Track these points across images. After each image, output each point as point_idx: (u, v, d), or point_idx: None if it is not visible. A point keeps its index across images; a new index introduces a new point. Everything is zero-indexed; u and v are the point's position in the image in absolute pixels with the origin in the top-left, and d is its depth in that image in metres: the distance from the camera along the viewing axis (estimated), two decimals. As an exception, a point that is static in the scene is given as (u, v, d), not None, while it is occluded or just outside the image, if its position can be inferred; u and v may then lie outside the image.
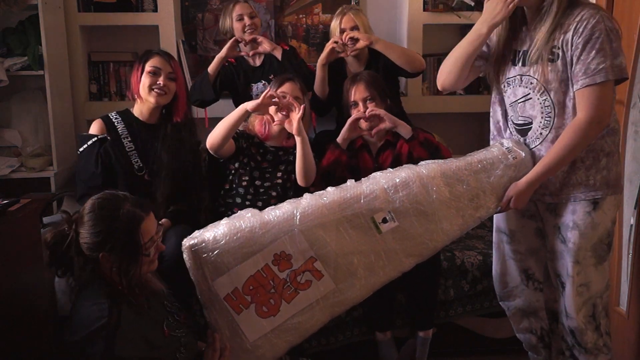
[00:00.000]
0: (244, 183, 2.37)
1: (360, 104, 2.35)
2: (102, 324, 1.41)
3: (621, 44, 1.68)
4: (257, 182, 2.38)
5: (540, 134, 1.82)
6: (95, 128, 2.27)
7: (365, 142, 2.40)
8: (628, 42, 2.14)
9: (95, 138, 2.22)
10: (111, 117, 2.29)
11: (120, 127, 2.26)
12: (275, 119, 2.29)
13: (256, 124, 2.39)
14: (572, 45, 1.68)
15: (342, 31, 2.70)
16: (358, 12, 2.75)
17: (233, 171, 2.38)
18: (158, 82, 2.22)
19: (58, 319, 2.03)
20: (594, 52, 1.65)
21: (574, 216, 1.80)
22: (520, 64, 1.82)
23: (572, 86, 1.72)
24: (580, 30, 1.66)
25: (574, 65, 1.69)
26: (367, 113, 2.31)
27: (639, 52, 2.12)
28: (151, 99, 2.23)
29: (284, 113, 2.27)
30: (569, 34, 1.68)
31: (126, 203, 1.52)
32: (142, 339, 1.48)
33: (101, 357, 1.40)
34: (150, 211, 1.57)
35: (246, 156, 2.38)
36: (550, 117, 1.78)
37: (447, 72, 1.93)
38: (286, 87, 2.34)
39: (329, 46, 2.64)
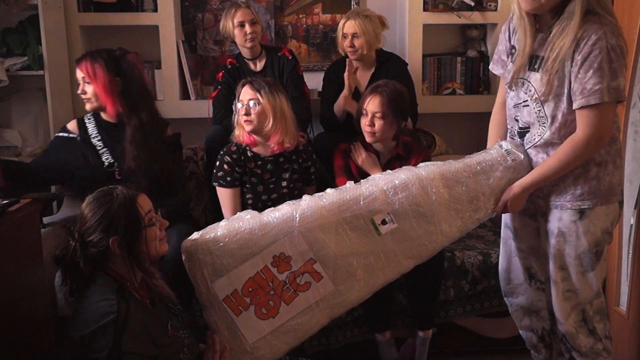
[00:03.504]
0: (250, 201, 2.33)
1: (369, 116, 2.27)
2: (111, 319, 1.43)
3: (624, 62, 1.63)
4: (263, 197, 2.34)
5: (533, 139, 1.82)
6: (71, 125, 2.34)
7: (375, 151, 2.36)
8: (628, 42, 2.12)
9: (66, 134, 2.30)
10: (84, 119, 2.34)
11: (90, 127, 2.30)
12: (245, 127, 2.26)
13: (240, 136, 2.32)
14: (572, 61, 1.65)
15: (343, 35, 2.71)
16: (365, 18, 2.70)
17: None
18: (82, 91, 2.23)
19: (58, 319, 2.04)
20: (591, 71, 1.61)
21: (560, 223, 1.80)
22: (529, 68, 1.79)
23: (565, 101, 1.70)
24: (582, 45, 1.62)
25: (572, 82, 1.66)
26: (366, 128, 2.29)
27: (639, 52, 2.12)
28: (86, 108, 2.27)
29: (245, 121, 2.24)
30: (572, 49, 1.64)
31: (117, 188, 1.59)
32: (147, 336, 1.49)
33: (108, 352, 1.41)
34: (142, 192, 1.62)
35: (246, 175, 2.33)
36: (544, 127, 1.77)
37: None
38: (243, 94, 2.26)
39: (345, 93, 2.70)
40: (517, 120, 1.87)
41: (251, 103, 2.23)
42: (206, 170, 2.70)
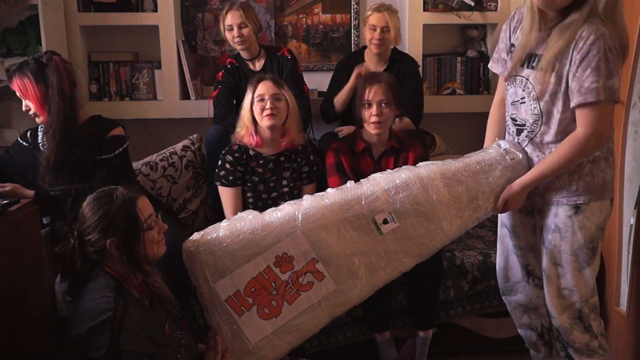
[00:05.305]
0: (250, 200, 2.34)
1: (375, 106, 2.24)
2: (108, 317, 1.43)
3: (620, 64, 1.67)
4: (264, 196, 2.34)
5: (528, 137, 1.83)
6: (25, 135, 2.27)
7: (367, 145, 2.34)
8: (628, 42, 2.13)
9: (21, 141, 2.23)
10: (38, 128, 2.24)
11: (40, 135, 2.21)
12: (264, 122, 2.26)
13: (244, 136, 2.32)
14: (570, 60, 1.68)
15: (371, 28, 2.72)
16: (393, 13, 2.75)
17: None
18: (26, 107, 2.14)
19: (58, 319, 2.04)
20: (589, 70, 1.64)
21: (556, 219, 1.83)
22: (526, 66, 1.80)
23: (561, 99, 1.72)
24: (580, 45, 1.65)
25: (570, 81, 1.69)
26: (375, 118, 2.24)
27: (639, 52, 2.12)
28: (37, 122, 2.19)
29: (266, 115, 2.23)
30: (570, 49, 1.67)
31: (118, 189, 1.58)
32: (145, 334, 1.49)
33: (106, 350, 1.41)
34: (143, 194, 1.61)
35: (248, 173, 2.34)
36: (537, 124, 1.79)
37: None
38: (262, 89, 2.26)
39: (355, 74, 2.69)
40: (514, 119, 1.88)
41: (275, 97, 2.24)
42: (205, 168, 2.71)
